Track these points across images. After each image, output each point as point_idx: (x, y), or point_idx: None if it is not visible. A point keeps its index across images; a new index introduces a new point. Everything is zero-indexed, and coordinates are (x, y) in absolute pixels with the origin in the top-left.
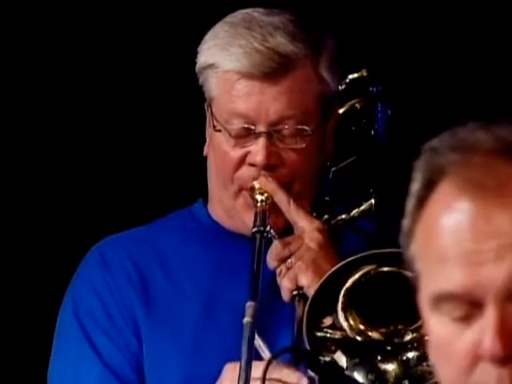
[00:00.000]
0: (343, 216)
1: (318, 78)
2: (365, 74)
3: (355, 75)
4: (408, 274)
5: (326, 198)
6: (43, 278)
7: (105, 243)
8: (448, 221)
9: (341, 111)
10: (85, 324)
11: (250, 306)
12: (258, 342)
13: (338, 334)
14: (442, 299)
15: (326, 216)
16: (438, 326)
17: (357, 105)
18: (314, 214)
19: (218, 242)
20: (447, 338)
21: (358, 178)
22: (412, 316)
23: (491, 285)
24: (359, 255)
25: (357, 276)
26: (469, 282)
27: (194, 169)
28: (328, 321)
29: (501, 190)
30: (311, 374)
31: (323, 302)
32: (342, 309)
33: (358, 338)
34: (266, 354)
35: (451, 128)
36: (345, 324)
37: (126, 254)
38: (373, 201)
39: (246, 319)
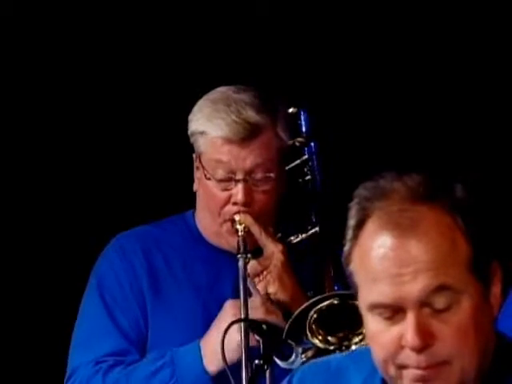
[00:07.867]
0: (292, 238)
1: (276, 137)
2: (294, 111)
3: (289, 111)
4: (351, 303)
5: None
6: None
7: (122, 236)
8: (376, 252)
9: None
10: (106, 299)
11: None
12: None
13: (310, 353)
14: (375, 306)
15: (279, 234)
16: (372, 323)
17: (297, 143)
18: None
19: (208, 251)
20: (379, 331)
21: (299, 206)
22: (356, 325)
23: (410, 297)
24: (325, 295)
25: (320, 306)
26: (394, 296)
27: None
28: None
29: (414, 227)
30: (257, 337)
31: (293, 333)
32: (310, 330)
33: (324, 346)
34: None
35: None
36: (315, 340)
37: (139, 245)
38: (318, 228)
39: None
